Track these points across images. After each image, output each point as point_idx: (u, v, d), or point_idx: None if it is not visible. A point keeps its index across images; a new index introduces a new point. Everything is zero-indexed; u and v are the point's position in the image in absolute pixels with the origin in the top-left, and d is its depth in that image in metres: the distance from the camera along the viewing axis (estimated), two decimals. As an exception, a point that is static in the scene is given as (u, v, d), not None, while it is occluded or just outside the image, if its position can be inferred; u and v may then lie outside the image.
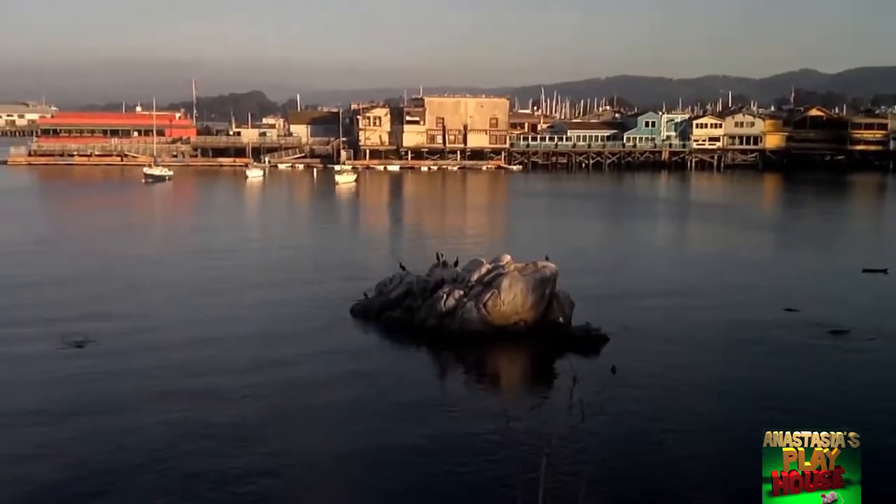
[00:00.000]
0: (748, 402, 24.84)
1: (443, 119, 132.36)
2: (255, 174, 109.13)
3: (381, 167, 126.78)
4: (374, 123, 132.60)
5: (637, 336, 31.68)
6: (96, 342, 29.35)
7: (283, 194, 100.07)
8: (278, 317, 34.16)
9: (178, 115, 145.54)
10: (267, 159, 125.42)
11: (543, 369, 29.62)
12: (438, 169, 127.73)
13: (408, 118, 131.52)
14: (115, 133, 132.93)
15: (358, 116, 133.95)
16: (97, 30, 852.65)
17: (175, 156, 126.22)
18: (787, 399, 24.91)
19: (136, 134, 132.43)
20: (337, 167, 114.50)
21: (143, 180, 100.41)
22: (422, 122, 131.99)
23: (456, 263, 35.44)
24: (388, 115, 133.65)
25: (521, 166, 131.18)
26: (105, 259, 47.75)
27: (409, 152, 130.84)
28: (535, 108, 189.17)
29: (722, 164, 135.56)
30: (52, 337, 29.51)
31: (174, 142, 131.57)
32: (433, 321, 31.64)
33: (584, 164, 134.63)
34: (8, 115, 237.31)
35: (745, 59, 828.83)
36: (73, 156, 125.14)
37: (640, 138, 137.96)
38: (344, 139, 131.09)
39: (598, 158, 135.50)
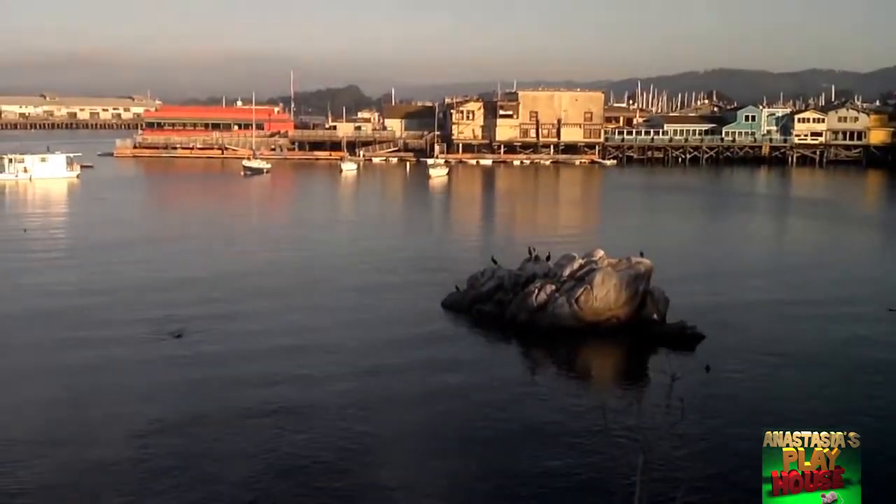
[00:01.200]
0: (846, 403, 24.08)
1: (536, 113, 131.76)
2: (349, 168, 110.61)
3: (474, 161, 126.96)
4: (468, 117, 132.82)
5: (733, 335, 31.00)
6: (195, 332, 30.04)
7: (376, 188, 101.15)
8: (370, 307, 34.60)
9: (276, 109, 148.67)
10: (361, 153, 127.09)
11: (637, 367, 29.26)
12: (531, 163, 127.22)
13: (501, 112, 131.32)
14: (216, 126, 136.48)
15: (451, 110, 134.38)
16: (201, 25, 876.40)
17: (273, 149, 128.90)
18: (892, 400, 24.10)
19: (236, 127, 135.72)
20: (430, 161, 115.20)
21: (241, 173, 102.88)
22: (515, 116, 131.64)
23: (548, 258, 35.28)
24: (482, 110, 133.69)
25: (615, 161, 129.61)
26: (204, 250, 49.09)
27: (502, 146, 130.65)
28: (631, 101, 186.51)
29: (824, 160, 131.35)
30: (151, 327, 30.30)
31: (273, 135, 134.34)
32: (524, 316, 31.58)
33: (680, 159, 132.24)
34: (115, 109, 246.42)
35: (850, 52, 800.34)
36: (175, 148, 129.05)
37: (740, 133, 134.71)
38: (437, 133, 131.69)
39: (696, 153, 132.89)
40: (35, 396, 23.54)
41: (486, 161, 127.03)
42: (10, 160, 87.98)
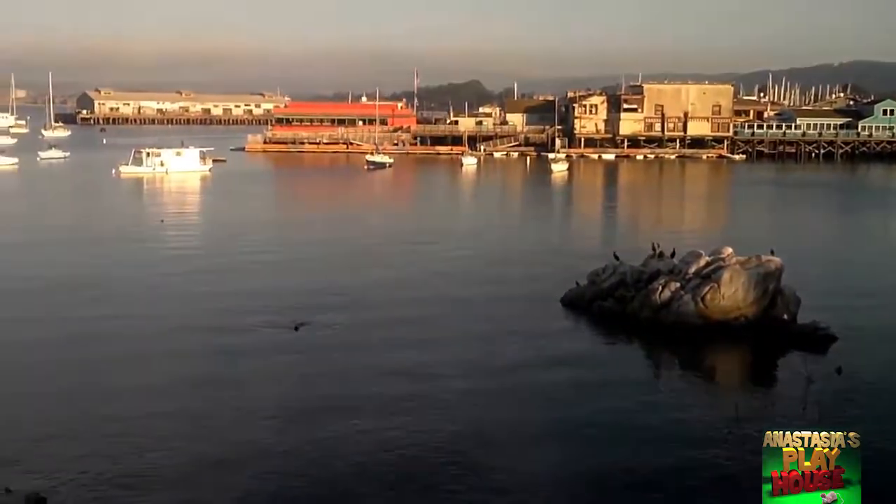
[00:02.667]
0: None
1: (662, 107, 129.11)
2: (469, 162, 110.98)
3: (596, 156, 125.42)
4: (590, 111, 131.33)
5: (868, 337, 29.53)
6: (315, 324, 30.41)
7: (496, 182, 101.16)
8: (490, 301, 34.51)
9: (399, 104, 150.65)
10: (482, 147, 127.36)
11: (767, 368, 28.19)
12: (655, 158, 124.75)
13: (625, 106, 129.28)
14: (341, 122, 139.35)
15: (574, 104, 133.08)
16: (329, 23, 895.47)
17: (396, 144, 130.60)
18: None
19: (360, 123, 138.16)
20: (551, 155, 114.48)
21: (365, 167, 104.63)
22: (639, 110, 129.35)
23: (673, 254, 34.41)
24: (605, 103, 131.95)
25: (744, 155, 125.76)
26: (326, 241, 50.03)
27: (626, 140, 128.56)
28: (762, 94, 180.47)
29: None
30: (274, 320, 30.76)
31: (395, 130, 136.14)
32: (647, 313, 30.90)
33: (813, 154, 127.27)
34: (246, 105, 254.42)
35: None
36: (303, 143, 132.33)
37: (877, 127, 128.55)
38: (559, 127, 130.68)
39: (830, 148, 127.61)
40: (165, 377, 24.49)
41: (609, 155, 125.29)
42: (148, 154, 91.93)
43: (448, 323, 31.25)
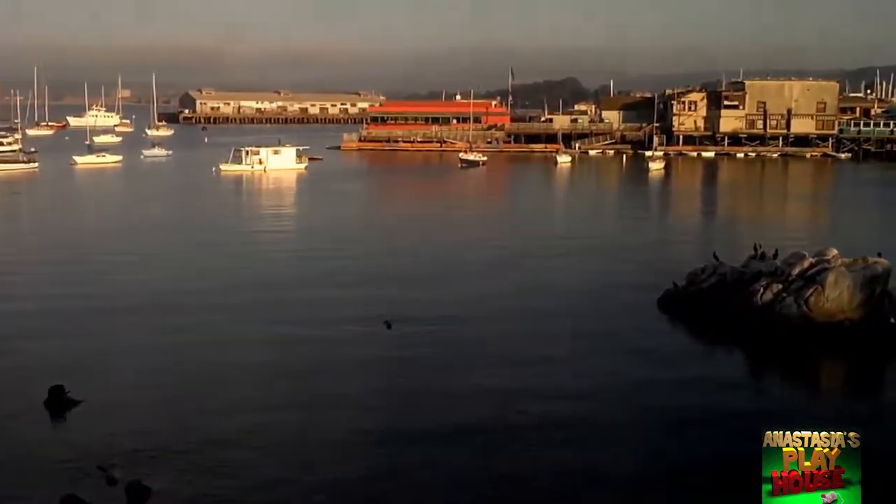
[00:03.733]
0: None
1: (764, 103, 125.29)
2: (564, 160, 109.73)
3: (695, 153, 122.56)
4: (690, 108, 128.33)
5: None
6: (405, 321, 30.14)
7: (591, 180, 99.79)
8: (584, 300, 33.85)
9: (494, 102, 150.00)
10: (577, 145, 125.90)
11: (873, 373, 26.74)
12: (757, 156, 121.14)
13: (726, 103, 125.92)
14: (435, 120, 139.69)
15: (672, 101, 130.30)
16: (423, 22, 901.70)
17: (489, 142, 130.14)
18: None
19: (454, 121, 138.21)
20: (648, 153, 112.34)
21: (458, 165, 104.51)
22: (741, 107, 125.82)
23: (775, 255, 33.02)
24: (705, 100, 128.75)
25: (850, 154, 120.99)
26: (420, 239, 49.94)
27: (726, 138, 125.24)
28: (868, 91, 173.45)
29: None
30: (364, 315, 30.70)
31: (489, 129, 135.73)
32: (748, 315, 29.71)
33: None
34: (342, 104, 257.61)
35: None
36: (397, 142, 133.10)
37: None
38: (657, 125, 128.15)
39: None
40: (261, 366, 24.60)
41: (709, 153, 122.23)
42: (248, 153, 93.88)
43: (540, 320, 30.63)
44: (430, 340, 28.08)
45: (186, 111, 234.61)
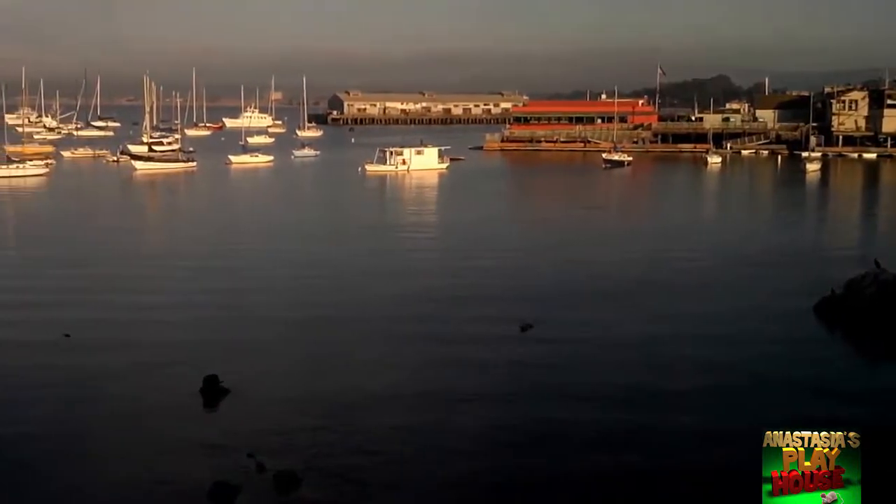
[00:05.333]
0: None
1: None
2: (714, 160, 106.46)
3: (855, 155, 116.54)
4: (850, 107, 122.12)
5: None
6: (544, 325, 29.60)
7: (743, 181, 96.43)
8: (735, 306, 32.52)
9: (640, 102, 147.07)
10: (729, 145, 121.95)
11: None
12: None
13: (889, 101, 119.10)
14: (579, 120, 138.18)
15: (831, 100, 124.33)
16: (568, 20, 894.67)
17: (635, 142, 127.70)
18: None
19: (599, 121, 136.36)
20: (804, 154, 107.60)
21: (602, 165, 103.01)
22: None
23: (945, 263, 30.86)
24: (867, 99, 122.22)
25: None
26: (557, 240, 49.38)
27: (889, 139, 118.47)
28: None
29: None
30: (500, 317, 30.34)
31: (635, 128, 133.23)
32: (914, 326, 27.83)
33: None
34: (485, 105, 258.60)
35: None
36: (540, 142, 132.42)
37: None
38: (814, 124, 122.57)
39: None
40: (394, 362, 24.83)
41: (870, 155, 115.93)
42: (391, 153, 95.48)
43: (685, 325, 29.65)
44: (570, 343, 27.59)
45: (335, 112, 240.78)
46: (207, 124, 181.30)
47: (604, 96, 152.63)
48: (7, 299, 33.22)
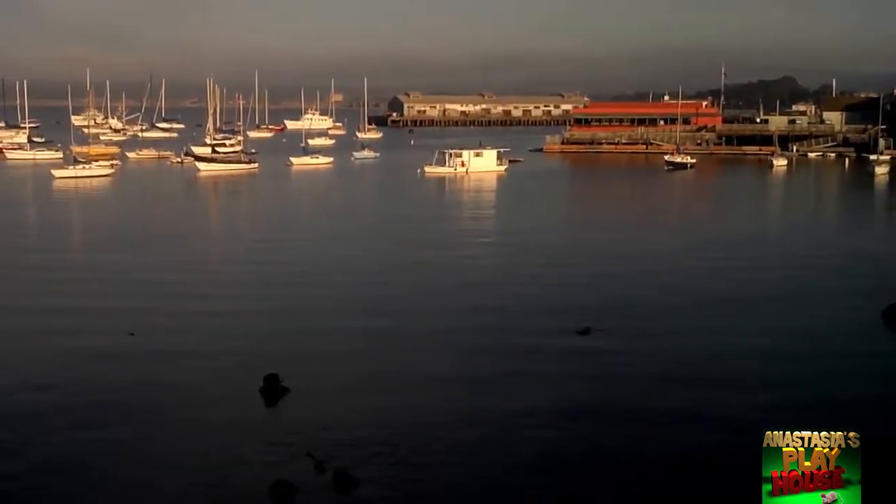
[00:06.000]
0: None
1: None
2: (780, 163, 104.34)
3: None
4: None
5: None
6: (603, 330, 29.26)
7: (809, 184, 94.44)
8: (801, 314, 31.73)
9: (704, 103, 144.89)
10: (795, 148, 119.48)
11: None
12: None
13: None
14: (641, 122, 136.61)
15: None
16: (628, 20, 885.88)
17: (699, 144, 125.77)
18: None
19: (661, 122, 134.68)
20: (872, 157, 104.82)
21: (664, 168, 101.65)
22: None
23: None
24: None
25: None
26: (618, 244, 48.81)
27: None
28: None
29: None
30: (563, 329, 29.81)
31: (699, 130, 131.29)
32: None
33: None
34: (545, 106, 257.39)
35: None
36: (601, 144, 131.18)
37: None
38: (883, 126, 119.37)
39: None
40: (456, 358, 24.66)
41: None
42: (451, 155, 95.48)
43: (744, 334, 28.88)
44: (631, 356, 27.13)
45: (394, 114, 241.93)
46: (269, 126, 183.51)
47: (667, 98, 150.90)
48: (74, 297, 33.95)
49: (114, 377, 23.88)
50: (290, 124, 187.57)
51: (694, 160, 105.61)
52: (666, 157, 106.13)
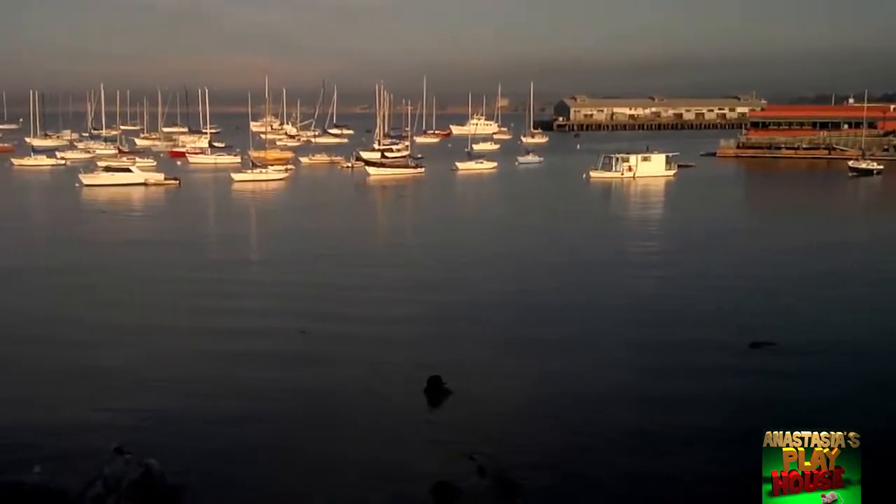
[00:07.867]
0: None
1: None
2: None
3: None
4: None
5: None
6: (776, 343, 27.57)
7: None
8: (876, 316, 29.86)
9: (892, 106, 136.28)
10: None
11: None
12: None
13: None
14: (823, 126, 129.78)
15: None
16: (811, 18, 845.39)
17: (886, 149, 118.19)
18: None
19: (845, 126, 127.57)
20: None
21: (848, 174, 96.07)
22: None
23: None
24: None
25: None
26: (796, 255, 46.35)
27: None
28: None
29: None
30: (725, 331, 28.50)
31: (886, 135, 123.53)
32: None
33: None
34: (719, 109, 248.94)
35: None
36: (779, 148, 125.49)
37: None
38: None
39: None
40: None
41: None
42: (617, 159, 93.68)
43: (838, 347, 26.97)
44: (807, 377, 25.45)
45: (560, 118, 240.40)
46: (436, 131, 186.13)
47: (851, 100, 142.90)
48: (255, 298, 35.22)
49: (286, 374, 24.40)
50: (456, 129, 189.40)
51: (881, 166, 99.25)
52: (850, 163, 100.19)
